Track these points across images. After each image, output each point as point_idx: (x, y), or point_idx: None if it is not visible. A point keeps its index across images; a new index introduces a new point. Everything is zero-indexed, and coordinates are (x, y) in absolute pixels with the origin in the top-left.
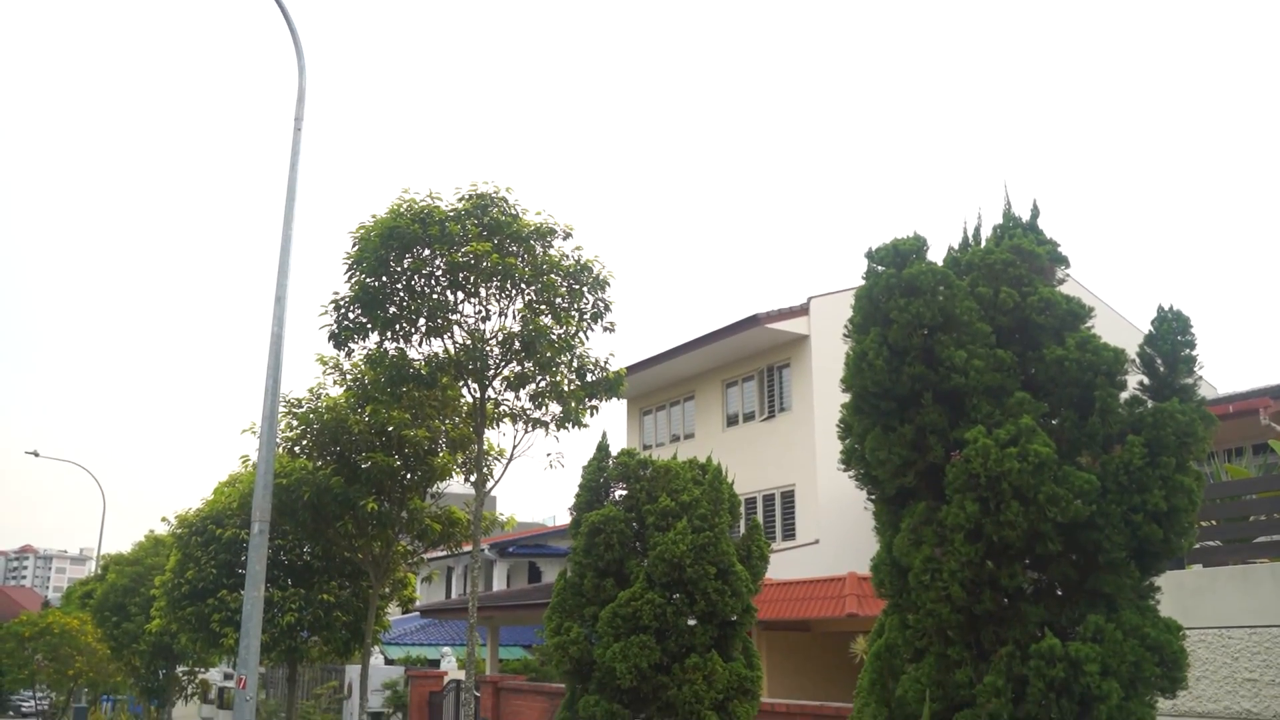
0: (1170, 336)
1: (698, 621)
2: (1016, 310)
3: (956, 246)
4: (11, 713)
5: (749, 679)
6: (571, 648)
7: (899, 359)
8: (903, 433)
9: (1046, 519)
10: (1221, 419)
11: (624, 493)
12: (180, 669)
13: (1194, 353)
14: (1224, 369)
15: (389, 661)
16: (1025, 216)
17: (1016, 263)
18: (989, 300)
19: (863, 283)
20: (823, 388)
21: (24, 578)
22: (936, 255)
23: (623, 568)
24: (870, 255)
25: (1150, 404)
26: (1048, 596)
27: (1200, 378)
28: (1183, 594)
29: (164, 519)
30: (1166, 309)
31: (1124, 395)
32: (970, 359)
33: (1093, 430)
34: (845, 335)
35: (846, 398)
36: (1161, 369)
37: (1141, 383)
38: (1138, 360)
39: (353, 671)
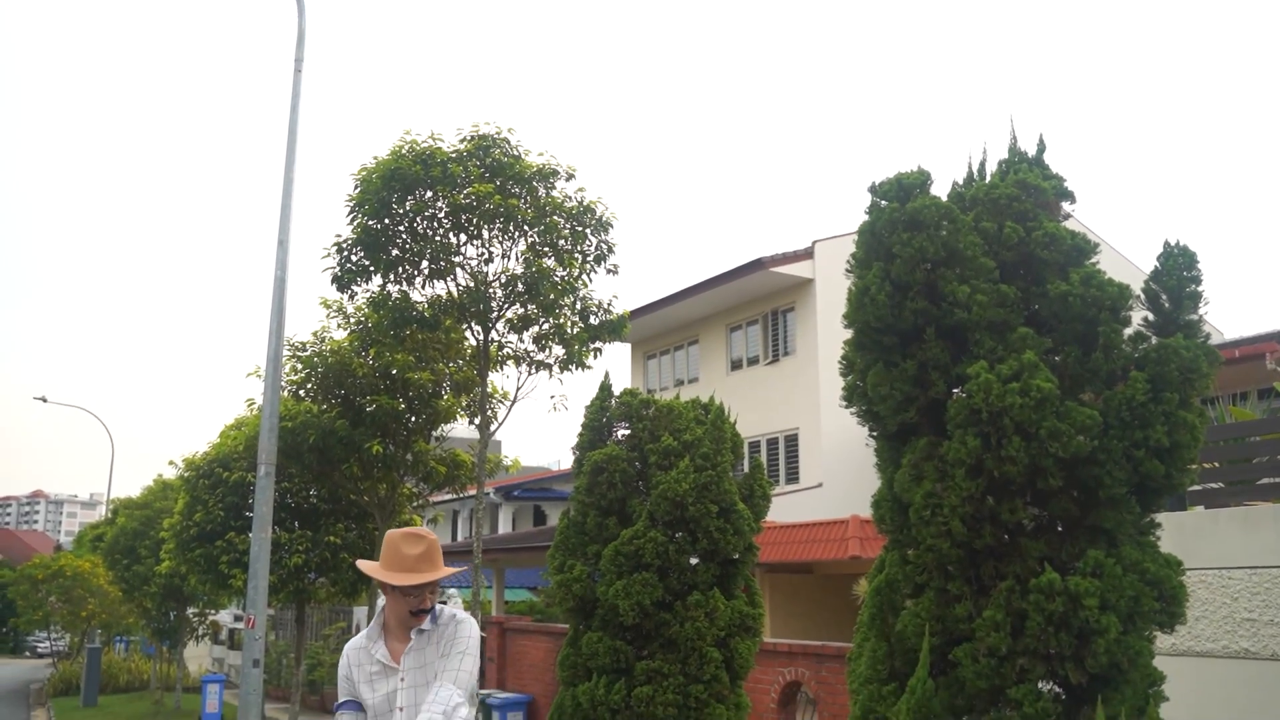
0: (1176, 272)
1: (700, 560)
2: (1021, 245)
3: (961, 181)
4: (27, 653)
5: (751, 616)
6: (575, 585)
7: (901, 294)
8: (905, 368)
9: (1048, 454)
10: (1227, 363)
11: (626, 432)
12: (190, 611)
13: (1200, 288)
14: (1231, 314)
15: None
16: (1031, 151)
17: (1021, 197)
18: (993, 235)
19: (866, 218)
20: (827, 331)
21: (36, 522)
22: (941, 190)
23: (625, 506)
24: (874, 189)
25: (1154, 340)
26: (1048, 532)
27: (1206, 313)
28: (1184, 535)
29: (171, 463)
30: (1173, 244)
31: (1128, 331)
32: (973, 294)
33: (1096, 366)
34: (848, 270)
35: (850, 340)
36: (1166, 305)
37: (1146, 319)
38: (1143, 296)
39: (360, 613)
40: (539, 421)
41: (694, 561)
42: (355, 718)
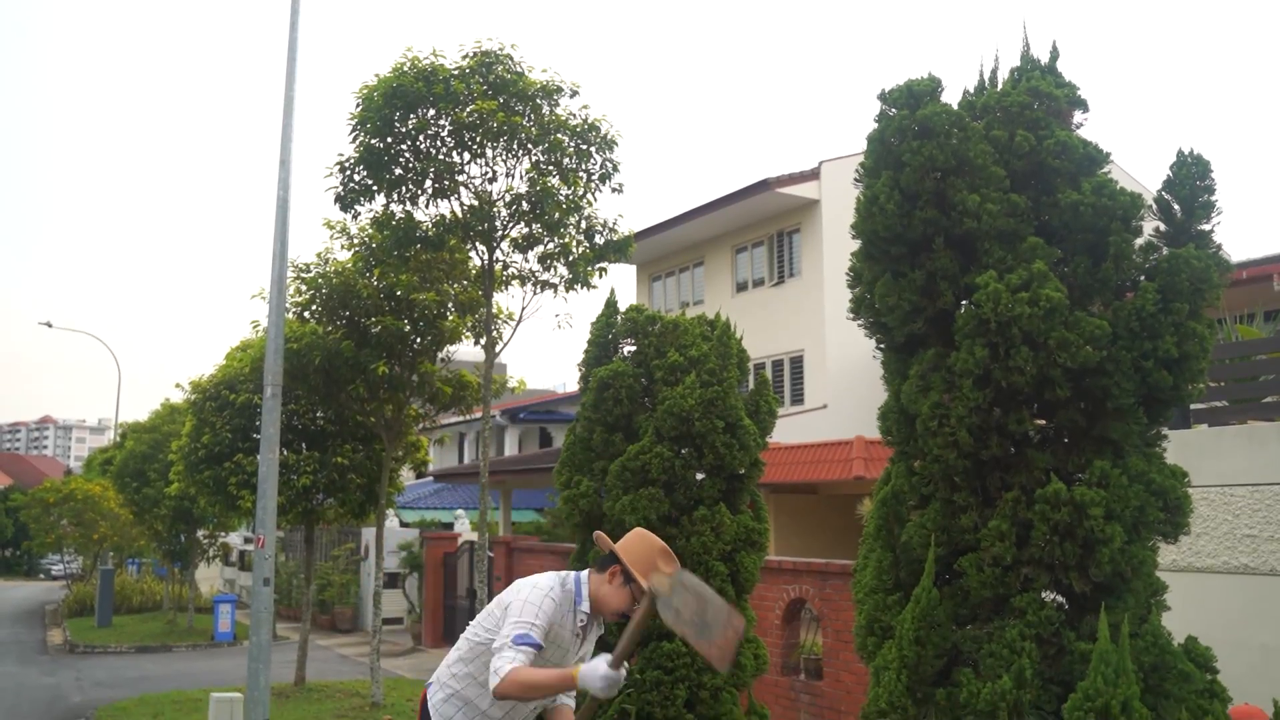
0: (1189, 181)
1: (705, 475)
2: (1032, 154)
3: (972, 89)
4: (42, 576)
5: (756, 531)
6: (581, 501)
7: (910, 203)
8: (913, 278)
9: (1056, 365)
10: (1234, 285)
11: (632, 348)
12: (201, 533)
13: (1213, 198)
14: (1238, 236)
15: (404, 525)
16: (1044, 59)
17: (1033, 105)
18: (1004, 144)
19: (875, 126)
20: (833, 252)
21: (45, 447)
22: (952, 98)
23: (631, 422)
24: (883, 97)
25: (1165, 250)
26: (1054, 443)
27: (1218, 223)
28: (1188, 453)
29: (178, 385)
30: (1186, 152)
31: (1139, 242)
32: (983, 203)
33: (1106, 276)
34: (856, 180)
35: (858, 251)
36: (1178, 215)
37: (1157, 229)
38: (1154, 206)
39: (369, 534)
40: (544, 344)
41: (700, 477)
42: (532, 657)
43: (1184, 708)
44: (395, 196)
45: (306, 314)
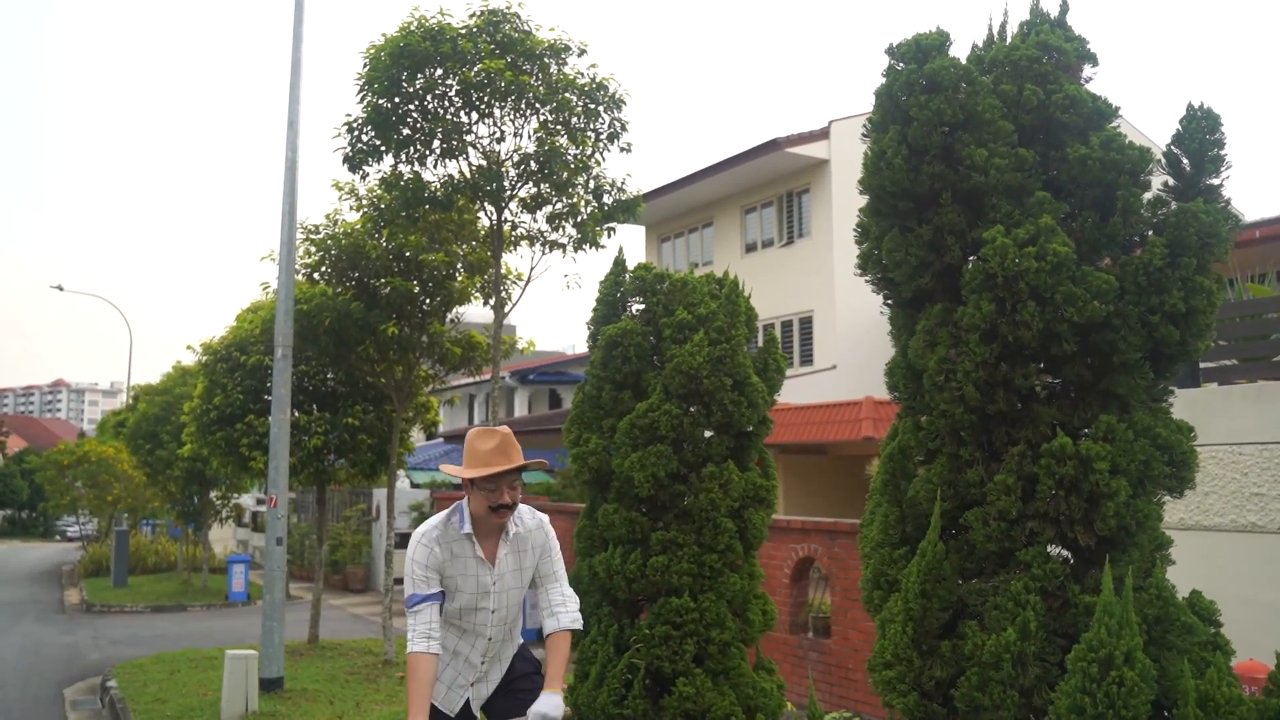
0: (1198, 135)
1: (714, 432)
2: (1040, 108)
3: (981, 44)
4: (58, 537)
5: (764, 488)
6: (590, 458)
7: (918, 158)
8: (920, 233)
9: (1063, 319)
10: (1247, 245)
11: (641, 307)
12: (213, 494)
13: (1222, 153)
14: (1251, 196)
15: (414, 485)
16: (1053, 13)
17: (1042, 59)
18: (1012, 98)
19: (883, 81)
20: (843, 213)
21: (59, 411)
22: (960, 52)
23: (640, 380)
24: (891, 51)
25: (1174, 205)
26: (1061, 398)
27: (1227, 178)
28: (1196, 411)
29: (189, 347)
30: (1196, 106)
31: (1147, 196)
32: (991, 158)
33: (1113, 231)
34: (864, 135)
35: (865, 206)
36: (1187, 169)
37: (1166, 183)
38: (1163, 161)
39: (380, 495)
40: (553, 306)
41: (708, 434)
42: (437, 609)
43: (1186, 659)
44: (403, 157)
45: (316, 275)
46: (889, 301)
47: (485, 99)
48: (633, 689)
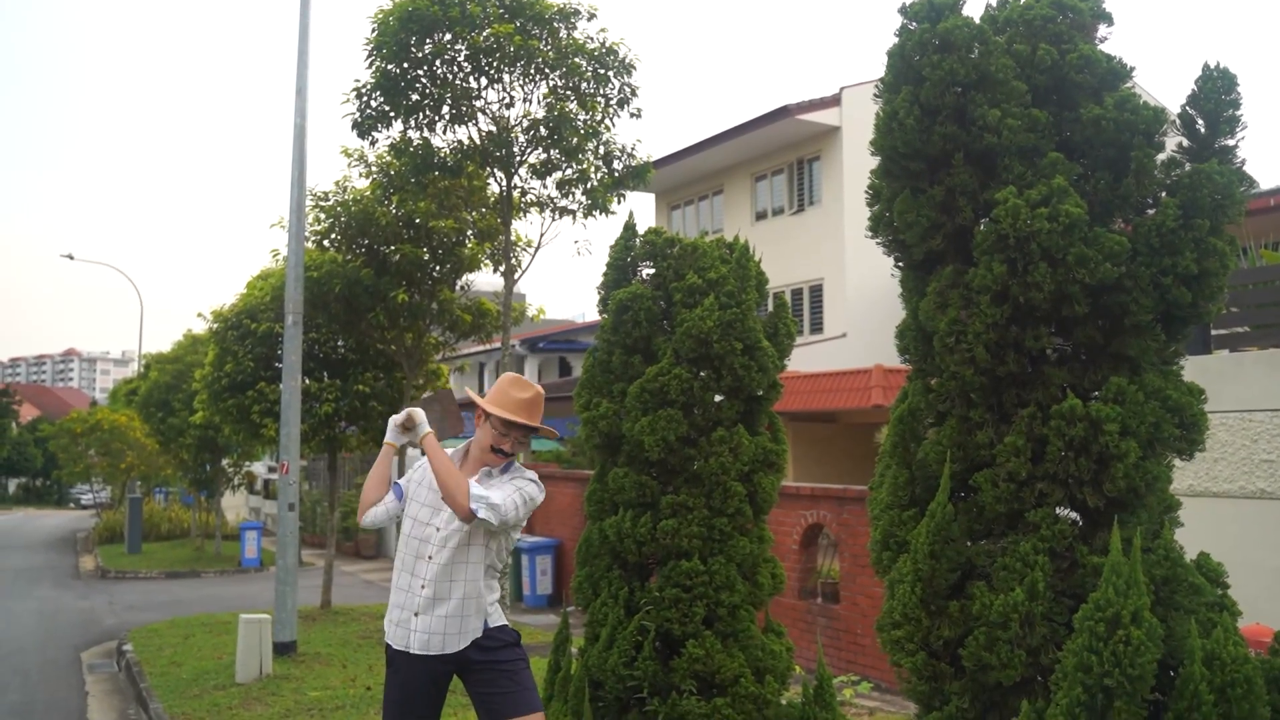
0: (1214, 95)
1: (724, 396)
2: (1054, 68)
3: (995, 2)
4: (72, 505)
5: (774, 452)
6: (601, 422)
7: (930, 118)
8: (932, 194)
9: (1074, 281)
10: (1262, 213)
11: (651, 271)
12: (225, 462)
13: (1238, 113)
14: (1267, 165)
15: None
16: None
17: (1056, 18)
18: (1026, 58)
19: (895, 40)
20: (854, 180)
21: (70, 380)
22: (974, 12)
23: (650, 344)
24: (904, 10)
25: (1188, 166)
26: (1071, 360)
27: (1243, 138)
28: (1208, 378)
29: (200, 315)
30: (1212, 66)
31: (1161, 158)
32: (1004, 118)
33: (1126, 192)
34: (876, 96)
35: (877, 168)
36: (1202, 130)
37: (1180, 144)
38: (1178, 121)
39: None
40: (563, 274)
41: (718, 399)
42: (390, 503)
43: (1193, 619)
44: (412, 123)
45: (326, 242)
46: (900, 264)
47: (494, 64)
48: (643, 651)
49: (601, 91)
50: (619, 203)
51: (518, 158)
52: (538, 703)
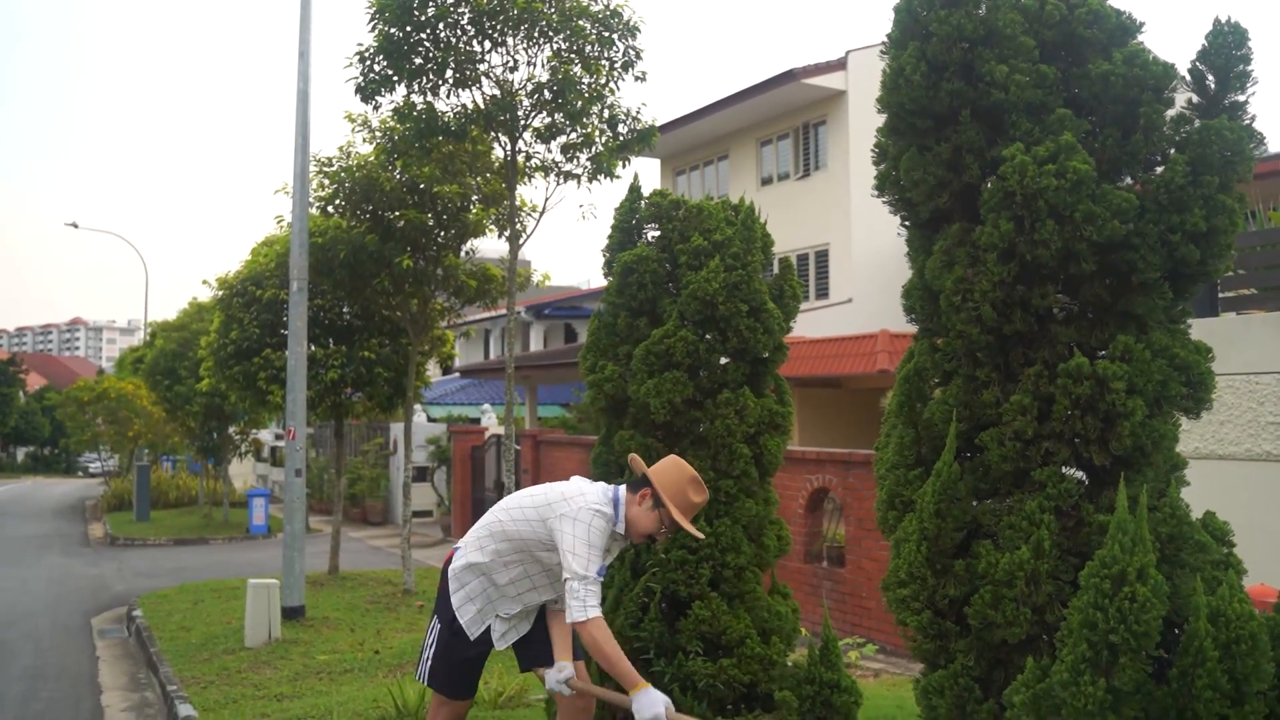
0: (1224, 50)
1: (730, 359)
2: (1063, 23)
3: None
4: (80, 473)
5: (780, 414)
6: (606, 385)
7: (937, 74)
8: (939, 152)
9: (1082, 238)
10: (1272, 175)
11: (656, 233)
12: (232, 429)
13: (1249, 68)
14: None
15: (431, 420)
16: None
17: None
18: (1034, 13)
19: None
20: (860, 144)
21: (77, 349)
22: None
23: (656, 307)
24: None
25: (1197, 123)
26: (1078, 319)
27: (1254, 93)
28: (1214, 340)
29: (205, 282)
30: (1224, 20)
31: (1170, 114)
32: (1012, 74)
33: (1135, 149)
34: (883, 52)
35: (883, 126)
36: (1212, 86)
37: (1190, 101)
38: (1188, 77)
39: (397, 429)
40: (568, 241)
41: (724, 361)
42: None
43: (1199, 577)
44: (416, 87)
45: (330, 208)
46: (906, 223)
47: (498, 27)
48: (649, 612)
49: (606, 54)
50: (624, 167)
51: (522, 122)
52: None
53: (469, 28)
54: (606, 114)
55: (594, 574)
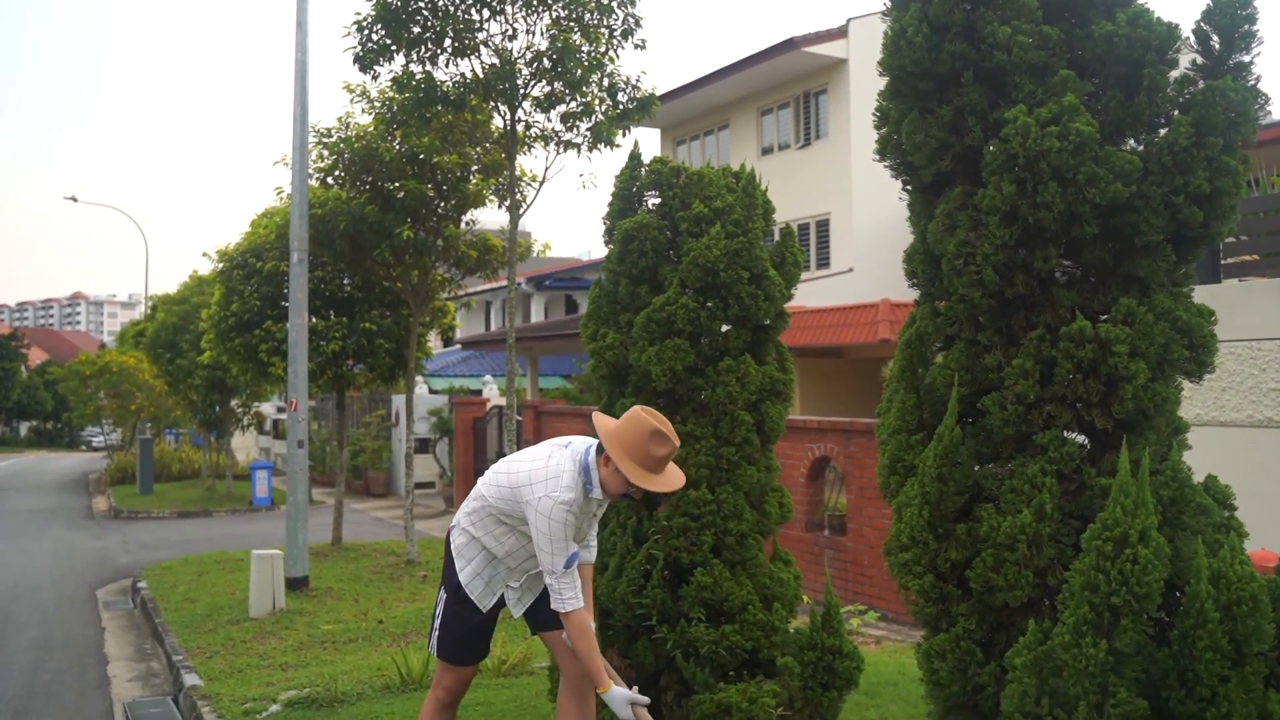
0: (1229, 10)
1: (731, 326)
2: None
3: None
4: (83, 447)
5: (781, 381)
6: (608, 353)
7: (939, 36)
8: (941, 114)
9: (1084, 201)
10: (1275, 142)
11: (657, 201)
12: (234, 402)
13: (1254, 28)
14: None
15: (433, 392)
16: None
17: None
18: None
19: None
20: (861, 113)
21: (78, 323)
22: None
23: (656, 274)
24: None
25: (1201, 84)
26: (1081, 283)
27: (1259, 54)
28: (1216, 307)
29: (205, 254)
30: None
31: (1174, 75)
32: (1014, 35)
33: (1138, 110)
34: (884, 14)
35: (884, 90)
36: (1217, 46)
37: (1194, 62)
38: (1192, 38)
39: (399, 401)
40: (568, 212)
41: (725, 328)
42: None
43: (1200, 539)
44: (414, 56)
45: (330, 179)
46: (908, 187)
47: None
48: (651, 579)
49: (605, 22)
50: (624, 136)
51: (521, 91)
52: None
53: None
54: (606, 82)
55: (560, 568)
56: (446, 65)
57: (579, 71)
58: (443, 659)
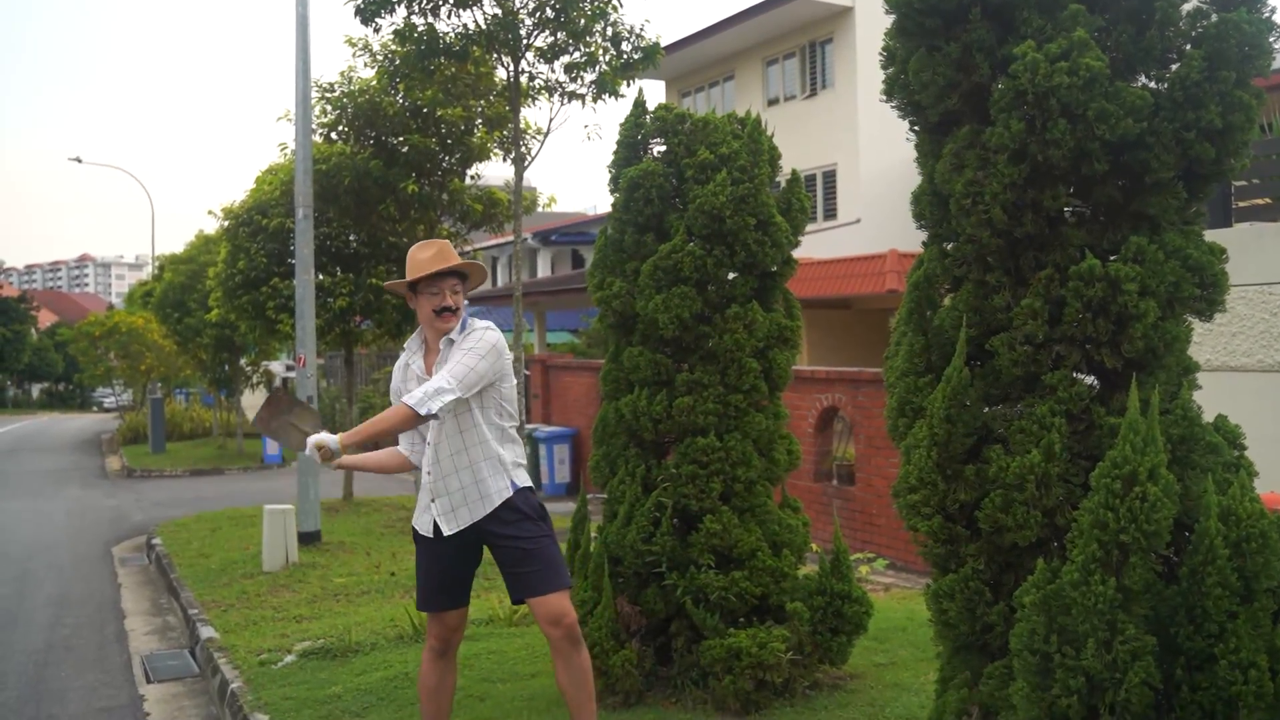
0: None
1: (738, 273)
2: None
3: None
4: (95, 408)
5: (789, 328)
6: (614, 301)
7: None
8: (948, 52)
9: (1094, 138)
10: None
11: (662, 148)
12: (243, 361)
13: None
14: None
15: None
16: None
17: None
18: None
19: None
20: (867, 62)
21: (86, 285)
22: None
23: (662, 222)
24: None
25: (1214, 17)
26: (1090, 222)
27: None
28: (1228, 251)
29: (210, 212)
30: None
31: (1186, 8)
32: None
33: (1150, 45)
34: None
35: (890, 28)
36: None
37: None
38: None
39: None
40: (574, 166)
41: (732, 275)
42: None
43: (1210, 477)
44: (415, 8)
45: (333, 134)
46: (915, 127)
47: None
48: (661, 526)
49: None
50: (628, 86)
51: (524, 41)
52: (564, 578)
53: None
54: (610, 32)
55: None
56: (448, 16)
57: (582, 21)
58: (419, 608)
